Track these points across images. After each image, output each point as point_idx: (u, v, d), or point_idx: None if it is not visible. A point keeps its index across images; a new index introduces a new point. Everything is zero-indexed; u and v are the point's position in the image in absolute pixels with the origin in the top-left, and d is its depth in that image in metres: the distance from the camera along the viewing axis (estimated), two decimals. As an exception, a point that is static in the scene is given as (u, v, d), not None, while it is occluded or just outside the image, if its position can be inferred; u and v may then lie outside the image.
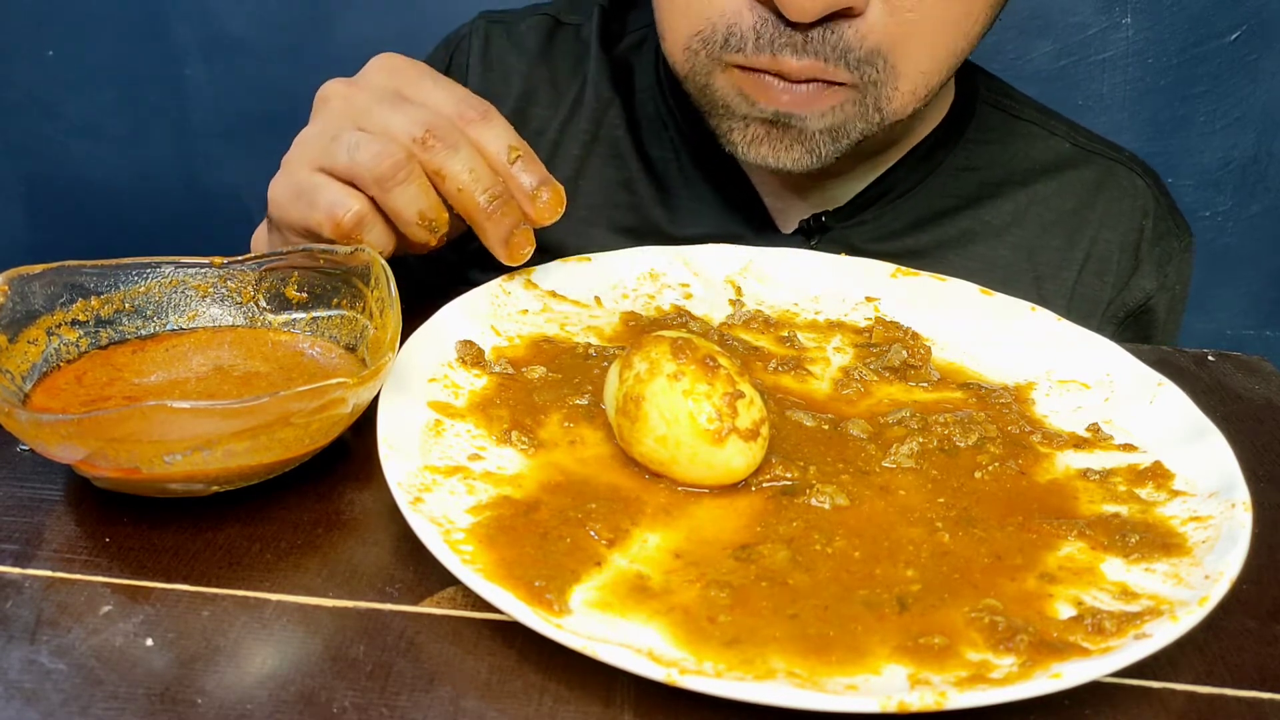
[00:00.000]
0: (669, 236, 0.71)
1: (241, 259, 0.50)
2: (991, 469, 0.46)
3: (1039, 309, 0.57)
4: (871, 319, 0.58)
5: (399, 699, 0.35)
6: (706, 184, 0.72)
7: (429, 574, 0.40)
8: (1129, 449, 0.48)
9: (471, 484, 0.43)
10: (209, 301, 0.50)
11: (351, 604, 0.38)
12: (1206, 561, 0.40)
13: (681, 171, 0.73)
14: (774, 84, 0.59)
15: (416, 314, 0.50)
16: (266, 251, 0.50)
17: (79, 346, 0.46)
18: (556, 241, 0.60)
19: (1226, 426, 0.47)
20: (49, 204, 1.34)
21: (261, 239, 0.62)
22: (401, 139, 0.51)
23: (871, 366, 0.54)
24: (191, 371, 0.47)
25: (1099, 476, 0.47)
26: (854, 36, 0.56)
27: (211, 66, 1.25)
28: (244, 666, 0.35)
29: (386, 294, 0.46)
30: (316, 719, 0.34)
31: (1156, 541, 0.42)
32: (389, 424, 0.43)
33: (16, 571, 0.39)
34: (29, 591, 0.38)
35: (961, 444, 0.48)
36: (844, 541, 0.41)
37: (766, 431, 0.44)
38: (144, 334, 0.48)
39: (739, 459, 0.43)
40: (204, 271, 0.49)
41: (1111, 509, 0.45)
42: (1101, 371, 0.53)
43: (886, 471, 0.46)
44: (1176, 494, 0.45)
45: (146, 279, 0.48)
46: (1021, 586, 0.40)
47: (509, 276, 0.56)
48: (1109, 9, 1.13)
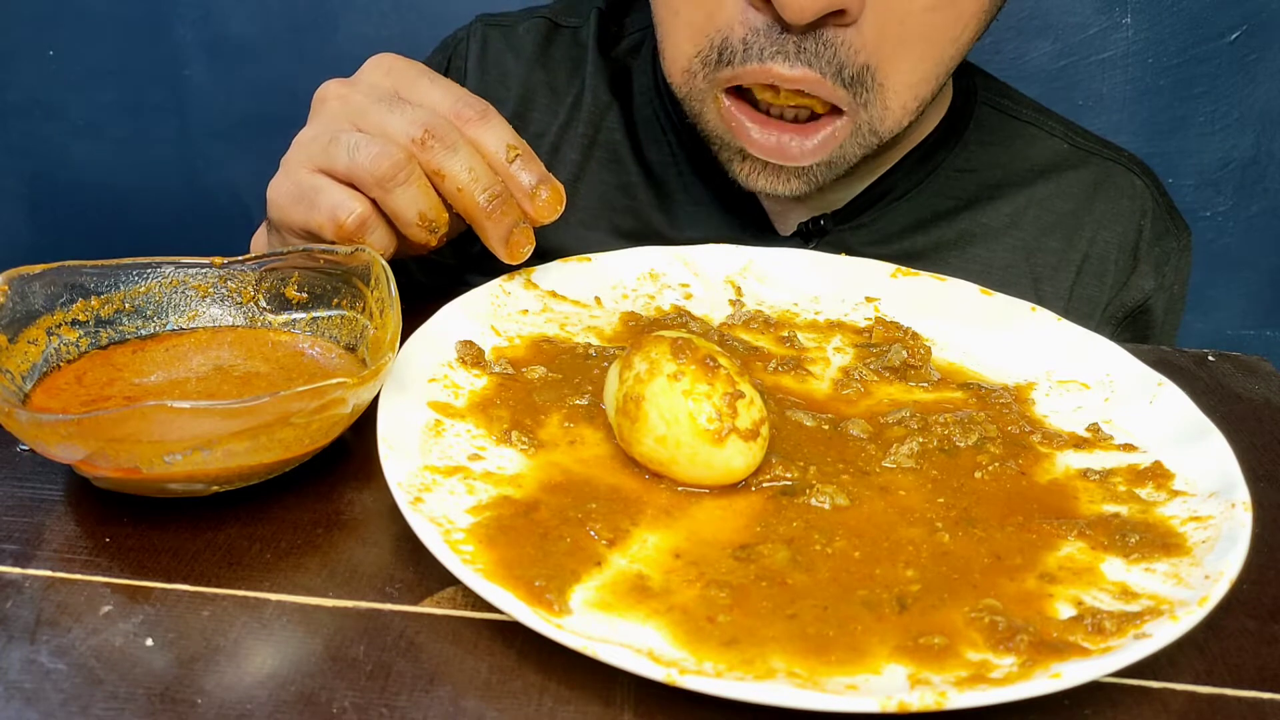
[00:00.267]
0: (668, 240, 0.71)
1: (241, 259, 0.50)
2: (991, 469, 0.46)
3: (1039, 309, 0.57)
4: (871, 319, 0.58)
5: (399, 699, 0.35)
6: (705, 188, 0.72)
7: (429, 574, 0.40)
8: (1129, 449, 0.48)
9: (471, 484, 0.43)
10: (209, 301, 0.50)
11: (351, 604, 0.38)
12: (1206, 561, 0.40)
13: (680, 175, 0.73)
14: (753, 133, 0.60)
15: (416, 314, 0.50)
16: (266, 251, 0.50)
17: (79, 346, 0.46)
18: (556, 245, 0.60)
19: (1226, 426, 0.47)
20: (50, 204, 1.34)
21: (261, 240, 0.62)
22: (400, 139, 0.51)
23: (871, 366, 0.54)
24: (191, 371, 0.47)
25: (1099, 476, 0.47)
26: (847, 51, 0.56)
27: (212, 67, 1.25)
28: (244, 666, 0.35)
29: (386, 294, 0.46)
30: (316, 719, 0.34)
31: (1156, 541, 0.42)
32: (389, 424, 0.43)
33: (16, 571, 0.39)
34: (29, 591, 0.38)
35: (961, 444, 0.48)
36: (844, 541, 0.41)
37: (766, 431, 0.44)
38: (144, 334, 0.48)
39: (739, 459, 0.43)
40: (204, 271, 0.49)
41: (1111, 509, 0.45)
42: (1101, 371, 0.53)
43: (886, 471, 0.46)
44: (1176, 494, 0.45)
45: (146, 279, 0.48)
46: (1021, 586, 0.40)
47: (509, 276, 0.56)
48: (1109, 9, 1.13)
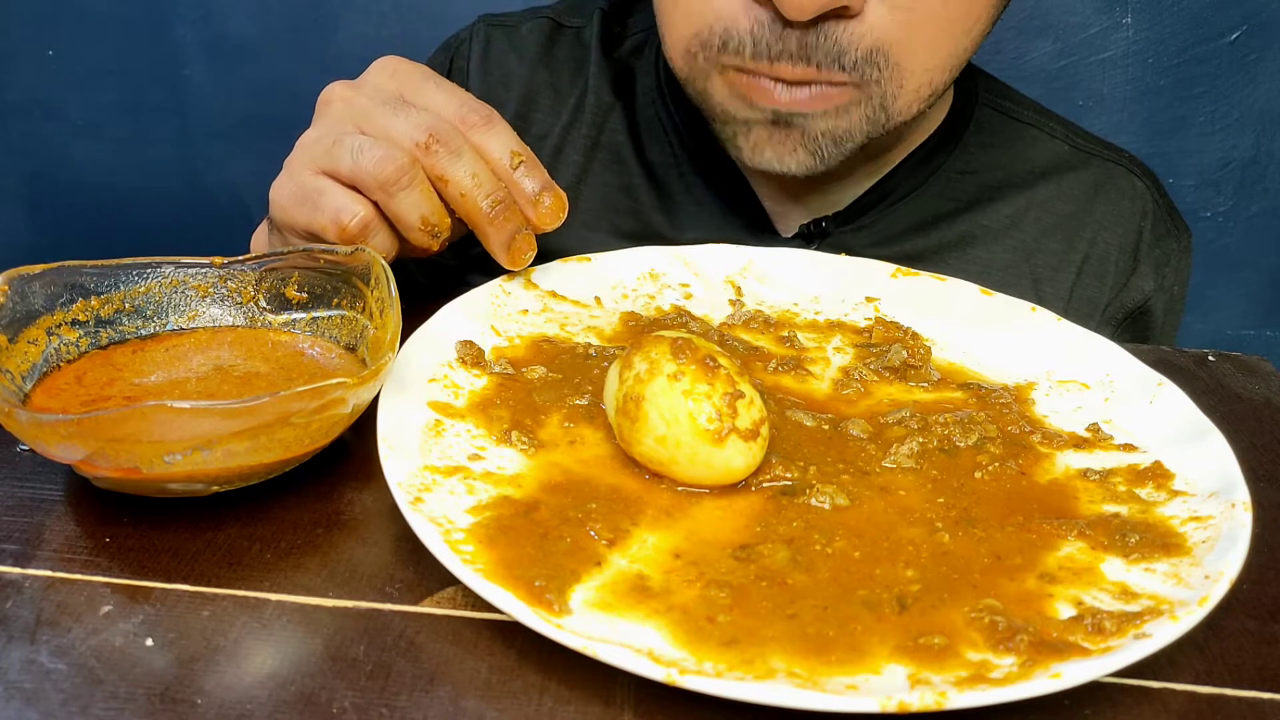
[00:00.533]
0: (670, 242, 0.71)
1: (241, 259, 0.50)
2: (991, 469, 0.46)
3: (1039, 309, 0.57)
4: (871, 319, 0.58)
5: (399, 699, 0.35)
6: (707, 189, 0.72)
7: (429, 574, 0.40)
8: (1129, 449, 0.48)
9: (471, 484, 0.43)
10: (209, 301, 0.50)
11: (351, 604, 0.38)
12: (1206, 561, 0.40)
13: (682, 177, 0.73)
14: (771, 86, 0.59)
15: (416, 314, 0.50)
16: (266, 251, 0.50)
17: (79, 346, 0.46)
18: (559, 246, 0.60)
19: (1226, 426, 0.47)
20: (50, 204, 1.34)
21: (262, 239, 0.62)
22: (404, 143, 0.51)
23: (871, 366, 0.54)
24: (191, 371, 0.47)
25: (1099, 476, 0.47)
26: (848, 40, 0.56)
27: (212, 67, 1.25)
28: (244, 666, 0.35)
29: (386, 294, 0.46)
30: (316, 719, 0.34)
31: (1156, 541, 0.42)
32: (389, 424, 0.43)
33: (16, 571, 0.39)
34: (29, 591, 0.38)
35: (961, 444, 0.48)
36: (844, 541, 0.41)
37: (766, 431, 0.44)
38: (144, 334, 0.48)
39: (739, 459, 0.43)
40: (204, 271, 0.49)
41: (1111, 509, 0.44)
42: (1101, 371, 0.53)
43: (886, 471, 0.46)
44: (1176, 494, 0.45)
45: (146, 279, 0.48)
46: (1021, 586, 0.40)
47: (509, 277, 0.56)
48: (1109, 9, 1.13)
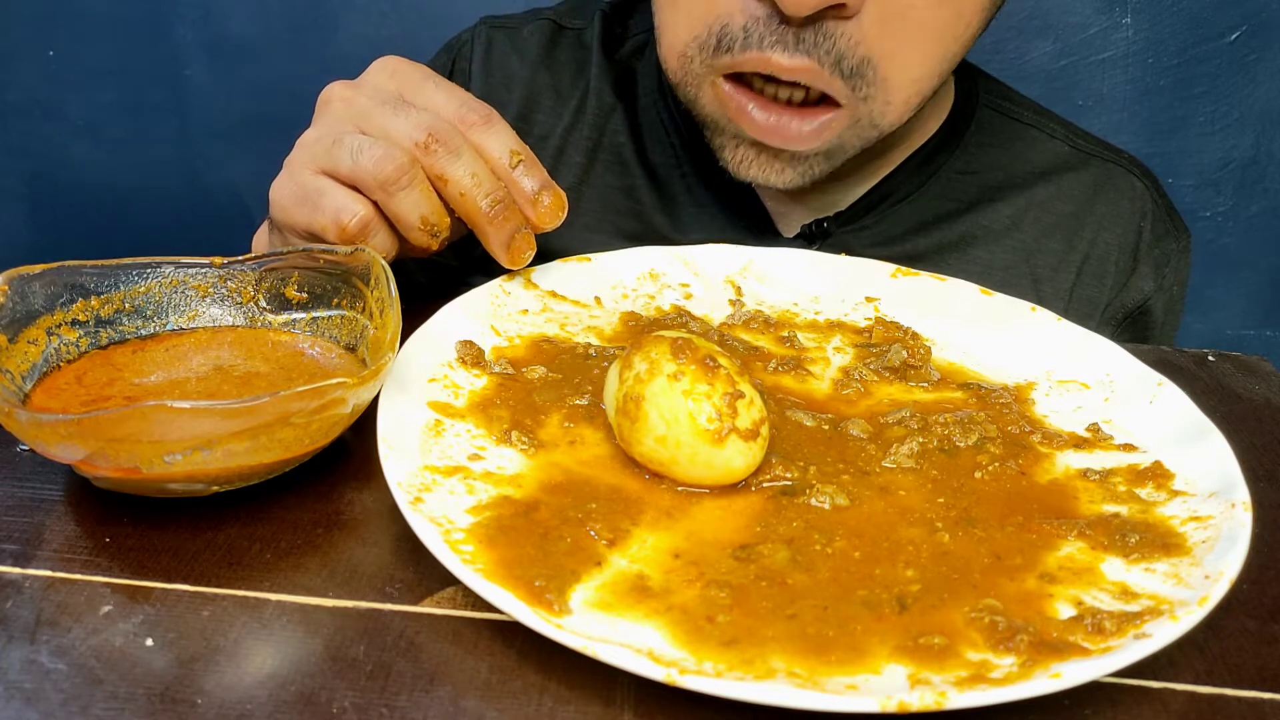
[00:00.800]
0: (671, 243, 0.71)
1: (241, 259, 0.50)
2: (991, 469, 0.46)
3: (1039, 309, 0.57)
4: (871, 319, 0.58)
5: (399, 699, 0.35)
6: (708, 190, 0.73)
7: (429, 574, 0.40)
8: (1129, 449, 0.48)
9: (471, 484, 0.43)
10: (209, 301, 0.50)
11: (351, 604, 0.38)
12: (1206, 561, 0.40)
13: (684, 178, 0.73)
14: (755, 113, 0.60)
15: (416, 314, 0.50)
16: (266, 251, 0.50)
17: (79, 346, 0.46)
18: (560, 247, 0.60)
19: (1226, 426, 0.47)
20: (50, 204, 1.34)
21: (262, 240, 0.62)
22: (404, 143, 0.51)
23: (871, 366, 0.54)
24: (191, 371, 0.47)
25: (1099, 476, 0.47)
26: (846, 43, 0.56)
27: (212, 67, 1.25)
28: (244, 666, 0.35)
29: (386, 294, 0.46)
30: (316, 719, 0.34)
31: (1156, 541, 0.42)
32: (389, 424, 0.43)
33: (16, 571, 0.39)
34: (29, 591, 0.38)
35: (961, 444, 0.48)
36: (844, 541, 0.41)
37: (766, 431, 0.44)
38: (144, 334, 0.48)
39: (739, 459, 0.43)
40: (204, 271, 0.49)
41: (1111, 509, 0.44)
42: (1101, 371, 0.53)
43: (886, 471, 0.46)
44: (1176, 494, 0.45)
45: (146, 279, 0.48)
46: (1021, 586, 0.40)
47: (509, 276, 0.56)
48: (1109, 9, 1.13)
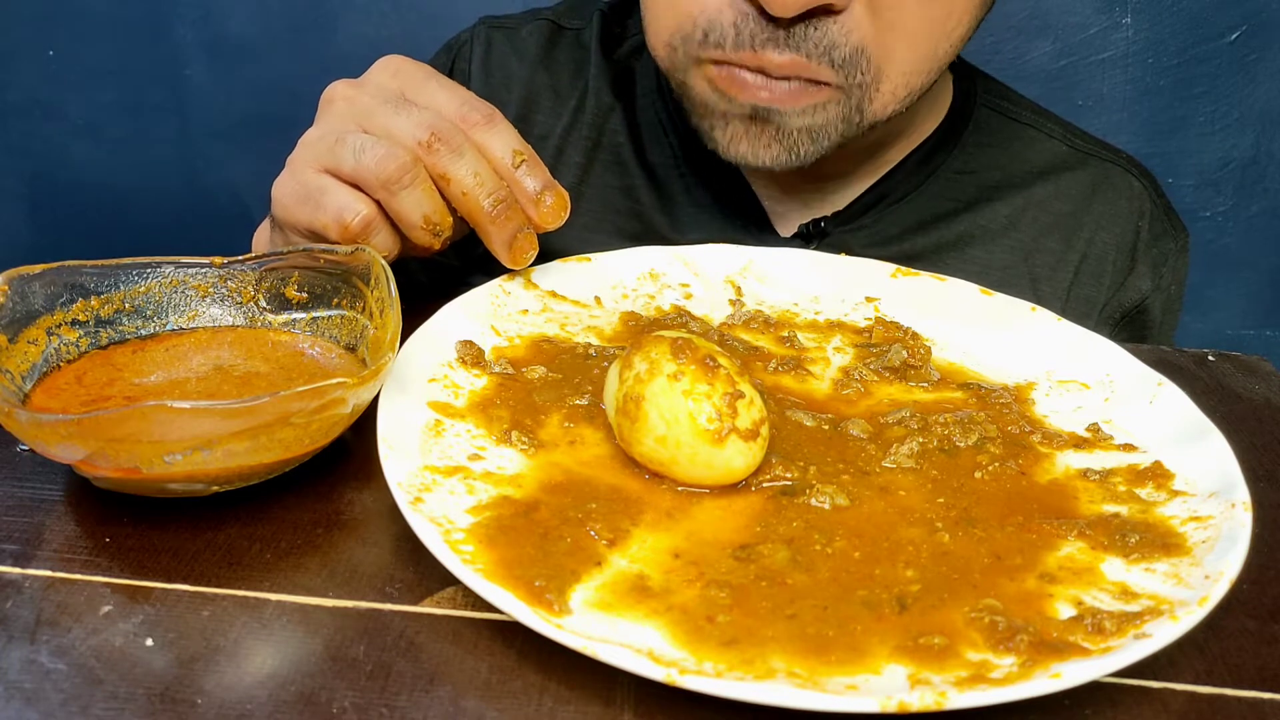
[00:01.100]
0: (670, 242, 0.71)
1: (241, 259, 0.50)
2: (991, 469, 0.46)
3: (1039, 309, 0.57)
4: (871, 319, 0.58)
5: (399, 699, 0.35)
6: (706, 189, 0.73)
7: (429, 574, 0.40)
8: (1129, 449, 0.48)
9: (471, 484, 0.43)
10: (209, 301, 0.50)
11: (351, 604, 0.38)
12: (1206, 561, 0.40)
13: (682, 178, 0.73)
14: (751, 80, 0.59)
15: (416, 314, 0.50)
16: (266, 251, 0.50)
17: (79, 346, 0.46)
18: (560, 247, 0.60)
19: (1226, 426, 0.47)
20: (50, 204, 1.34)
21: (263, 238, 0.62)
22: (406, 142, 0.51)
23: (871, 366, 0.54)
24: (191, 371, 0.47)
25: (1099, 476, 0.47)
26: (838, 33, 0.56)
27: (212, 67, 1.25)
28: (244, 666, 0.35)
29: (386, 294, 0.46)
30: (316, 719, 0.34)
31: (1156, 541, 0.42)
32: (389, 424, 0.43)
33: (16, 571, 0.39)
34: (29, 591, 0.38)
35: (961, 444, 0.48)
36: (844, 541, 0.41)
37: (766, 431, 0.44)
38: (144, 334, 0.48)
39: (739, 459, 0.43)
40: (204, 271, 0.49)
41: (1111, 509, 0.44)
42: (1101, 371, 0.53)
43: (886, 471, 0.46)
44: (1176, 494, 0.45)
45: (146, 279, 0.48)
46: (1021, 586, 0.40)
47: (509, 276, 0.56)
48: (1109, 9, 1.13)
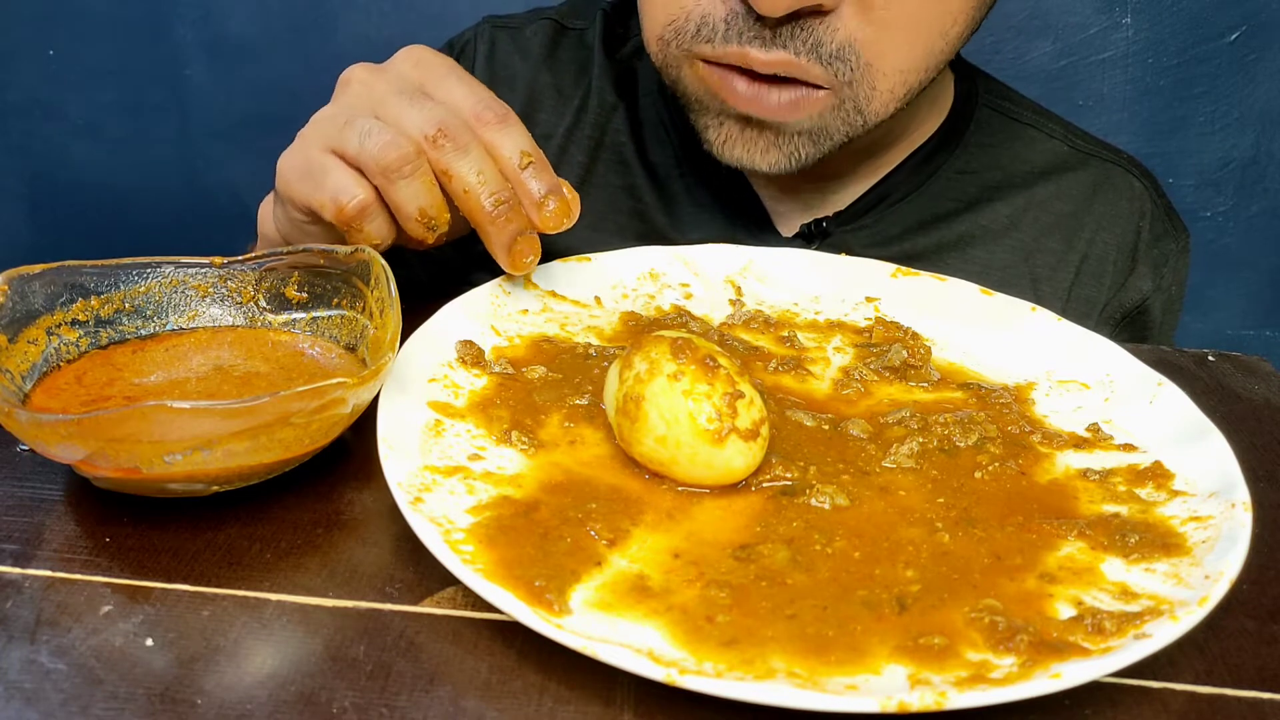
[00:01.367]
0: (672, 242, 0.71)
1: (241, 259, 0.50)
2: (991, 469, 0.46)
3: (1039, 309, 0.57)
4: (871, 319, 0.58)
5: (399, 699, 0.35)
6: (708, 189, 0.73)
7: (429, 574, 0.40)
8: (1129, 449, 0.48)
9: (471, 484, 0.43)
10: (209, 301, 0.50)
11: (351, 604, 0.38)
12: (1206, 561, 0.40)
13: (683, 177, 0.73)
14: (743, 90, 0.59)
15: (416, 314, 0.50)
16: (266, 251, 0.50)
17: (79, 346, 0.46)
18: (563, 247, 0.60)
19: (1226, 426, 0.47)
20: (50, 204, 1.34)
21: (267, 209, 0.62)
22: (413, 134, 0.50)
23: (871, 366, 0.54)
24: (191, 371, 0.47)
25: (1099, 476, 0.47)
26: (825, 31, 0.57)
27: (212, 67, 1.25)
28: (244, 666, 0.35)
29: (386, 294, 0.46)
30: (316, 719, 0.34)
31: (1156, 541, 0.42)
32: (389, 424, 0.43)
33: (16, 571, 0.39)
34: (29, 591, 0.38)
35: (961, 444, 0.48)
36: (844, 542, 0.41)
37: (766, 431, 0.44)
38: (144, 334, 0.48)
39: (739, 459, 0.43)
40: (204, 271, 0.49)
41: (1111, 509, 0.45)
42: (1101, 371, 0.53)
43: (886, 471, 0.46)
44: (1176, 494, 0.45)
45: (146, 279, 0.48)
46: (1021, 586, 0.40)
47: (509, 276, 0.56)
48: (1109, 9, 1.13)
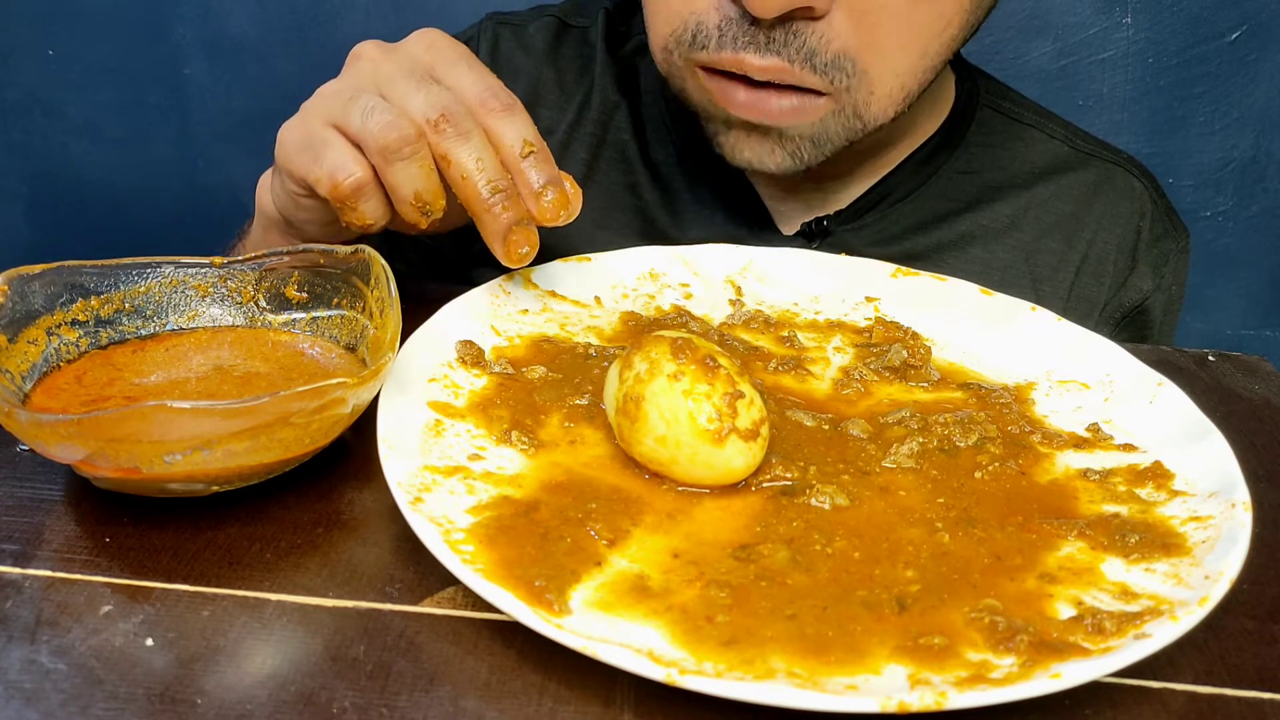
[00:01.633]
0: (673, 240, 0.71)
1: (241, 259, 0.50)
2: (991, 469, 0.46)
3: (1039, 309, 0.57)
4: (871, 319, 0.58)
5: (399, 699, 0.35)
6: (709, 188, 0.73)
7: (429, 574, 0.40)
8: (1129, 449, 0.48)
9: (471, 484, 0.43)
10: (209, 301, 0.50)
11: (351, 604, 0.38)
12: (1206, 561, 0.40)
13: (685, 175, 0.73)
14: (737, 94, 0.60)
15: (416, 314, 0.50)
16: (266, 251, 0.50)
17: (79, 346, 0.46)
18: (565, 245, 0.60)
19: (1226, 426, 0.47)
20: (49, 204, 1.34)
21: (265, 183, 0.62)
22: (416, 116, 0.50)
23: (871, 366, 0.54)
24: (191, 371, 0.47)
25: (1099, 476, 0.47)
26: (818, 40, 0.57)
27: (212, 66, 1.25)
28: (244, 666, 0.35)
29: (386, 294, 0.46)
30: (316, 719, 0.34)
31: (1156, 541, 0.42)
32: (389, 424, 0.43)
33: (16, 571, 0.39)
34: (29, 591, 0.38)
35: (961, 444, 0.48)
36: (844, 542, 0.41)
37: (766, 431, 0.44)
38: (144, 334, 0.48)
39: (739, 459, 0.43)
40: (204, 271, 0.49)
41: (1111, 509, 0.45)
42: (1101, 371, 0.53)
43: (886, 471, 0.46)
44: (1176, 494, 0.45)
45: (146, 279, 0.48)
46: (1021, 586, 0.40)
47: (509, 276, 0.56)
48: (1109, 9, 1.13)
